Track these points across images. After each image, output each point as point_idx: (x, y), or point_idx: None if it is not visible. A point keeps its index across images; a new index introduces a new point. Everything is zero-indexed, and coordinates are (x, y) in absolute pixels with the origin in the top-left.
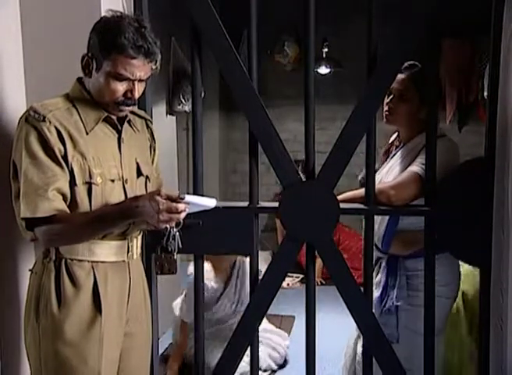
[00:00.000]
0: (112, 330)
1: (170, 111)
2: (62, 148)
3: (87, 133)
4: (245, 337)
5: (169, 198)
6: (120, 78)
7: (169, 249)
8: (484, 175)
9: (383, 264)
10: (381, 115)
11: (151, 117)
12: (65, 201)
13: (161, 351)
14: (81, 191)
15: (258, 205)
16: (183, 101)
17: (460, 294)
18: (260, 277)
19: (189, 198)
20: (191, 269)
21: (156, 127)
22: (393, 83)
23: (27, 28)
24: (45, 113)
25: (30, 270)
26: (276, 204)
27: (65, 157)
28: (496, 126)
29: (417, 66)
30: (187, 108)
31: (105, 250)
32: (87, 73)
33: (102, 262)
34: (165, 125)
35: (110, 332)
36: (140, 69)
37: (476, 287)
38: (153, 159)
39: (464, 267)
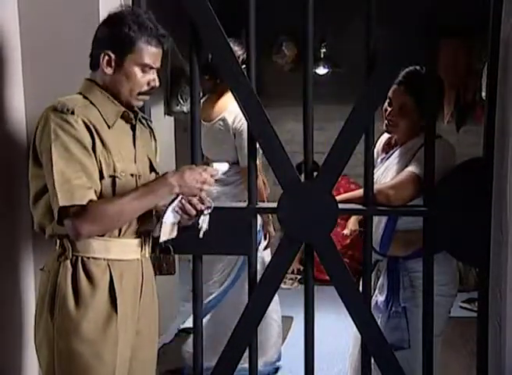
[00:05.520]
0: (127, 327)
1: (168, 111)
2: (90, 141)
3: (109, 128)
4: (244, 337)
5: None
6: (145, 69)
7: (199, 226)
8: (482, 175)
9: (384, 266)
10: (379, 113)
11: (150, 118)
12: (95, 192)
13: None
14: (107, 184)
15: (257, 206)
16: (181, 101)
17: None
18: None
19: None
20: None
21: (154, 128)
22: (391, 93)
23: (26, 27)
24: (73, 107)
25: (41, 269)
26: (275, 204)
27: (93, 150)
28: (494, 126)
29: (413, 74)
30: (185, 108)
31: (121, 248)
32: (106, 70)
33: (118, 260)
34: (163, 126)
35: (124, 330)
36: (160, 57)
37: None
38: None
39: None
